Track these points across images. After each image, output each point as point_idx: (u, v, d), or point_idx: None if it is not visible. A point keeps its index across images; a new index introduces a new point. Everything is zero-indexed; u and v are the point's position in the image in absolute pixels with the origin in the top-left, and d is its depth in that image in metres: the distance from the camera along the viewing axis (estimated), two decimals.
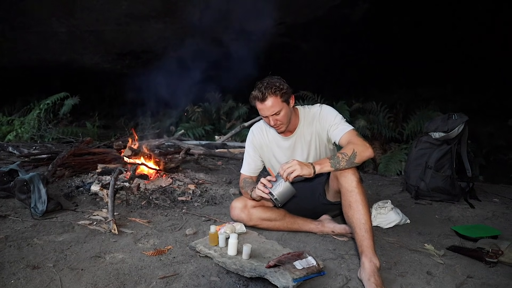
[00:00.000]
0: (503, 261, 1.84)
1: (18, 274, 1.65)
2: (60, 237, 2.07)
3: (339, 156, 1.82)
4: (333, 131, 2.06)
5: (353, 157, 1.83)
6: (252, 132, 2.30)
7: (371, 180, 3.62)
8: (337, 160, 1.82)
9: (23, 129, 5.74)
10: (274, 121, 2.02)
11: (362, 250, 1.70)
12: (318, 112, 2.14)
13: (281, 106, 1.98)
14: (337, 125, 2.05)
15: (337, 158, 1.82)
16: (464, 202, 2.86)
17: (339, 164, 1.82)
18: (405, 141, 5.10)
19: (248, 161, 2.29)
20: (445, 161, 2.87)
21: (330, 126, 2.08)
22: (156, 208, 2.62)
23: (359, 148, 1.85)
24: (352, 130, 2.00)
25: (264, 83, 1.98)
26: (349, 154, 1.83)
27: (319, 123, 2.12)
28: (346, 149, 1.86)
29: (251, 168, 2.28)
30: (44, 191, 2.39)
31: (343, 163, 1.82)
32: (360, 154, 1.84)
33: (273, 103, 1.97)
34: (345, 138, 1.98)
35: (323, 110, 2.14)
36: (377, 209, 2.37)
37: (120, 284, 1.60)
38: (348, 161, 1.82)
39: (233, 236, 1.79)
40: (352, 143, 1.89)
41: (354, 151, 1.84)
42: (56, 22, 6.09)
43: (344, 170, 1.84)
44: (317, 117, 2.13)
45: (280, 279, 1.54)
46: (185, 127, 6.00)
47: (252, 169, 2.28)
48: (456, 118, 2.85)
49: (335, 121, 2.07)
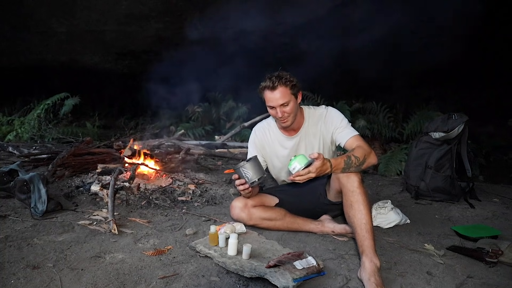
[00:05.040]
0: (503, 261, 1.84)
1: (18, 274, 1.65)
2: (60, 237, 2.07)
3: (352, 159, 1.84)
4: (339, 133, 2.07)
5: (362, 163, 1.87)
6: (254, 133, 2.30)
7: (371, 180, 3.62)
8: (350, 162, 1.84)
9: (23, 129, 5.73)
10: (281, 112, 2.03)
11: (363, 250, 1.70)
12: (324, 114, 2.15)
13: (289, 98, 2.01)
14: (343, 128, 2.07)
15: (351, 160, 1.84)
16: (464, 202, 2.86)
17: (350, 167, 1.84)
18: (405, 141, 5.10)
19: None
20: (445, 161, 2.87)
21: (335, 129, 2.09)
22: (156, 208, 2.62)
23: (369, 155, 1.90)
24: (358, 135, 2.04)
25: (275, 74, 2.01)
26: (360, 159, 1.86)
27: (324, 124, 2.13)
28: (358, 153, 1.88)
29: None
30: (44, 191, 2.39)
31: (353, 167, 1.85)
32: (368, 160, 1.89)
33: (282, 93, 1.99)
34: (351, 142, 2.01)
35: (329, 112, 2.15)
36: (377, 209, 2.37)
37: (120, 284, 1.60)
38: (358, 166, 1.85)
39: (233, 236, 1.79)
40: (363, 149, 1.91)
41: (365, 157, 1.88)
42: (56, 22, 6.08)
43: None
44: (323, 118, 2.14)
45: (280, 279, 1.54)
46: (185, 127, 6.00)
47: None
48: (456, 118, 2.85)
49: (341, 124, 2.09)
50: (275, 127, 2.24)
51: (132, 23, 6.18)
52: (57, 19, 6.05)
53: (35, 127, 5.73)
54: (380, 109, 5.54)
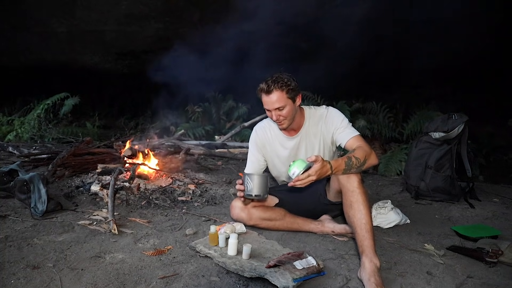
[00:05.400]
0: (503, 261, 1.84)
1: (18, 274, 1.65)
2: (60, 237, 2.07)
3: (353, 160, 1.83)
4: (339, 134, 2.07)
5: (363, 163, 1.85)
6: (255, 132, 2.30)
7: (371, 180, 3.62)
8: (351, 163, 1.82)
9: (23, 129, 5.73)
10: (276, 116, 2.03)
11: (363, 250, 1.70)
12: (325, 114, 2.14)
13: (285, 102, 1.99)
14: (344, 128, 2.07)
15: (351, 162, 1.82)
16: (464, 202, 2.86)
17: (351, 168, 1.83)
18: (405, 141, 5.10)
19: (252, 160, 2.29)
20: (445, 161, 2.87)
21: (336, 129, 2.09)
22: (156, 208, 2.62)
23: (370, 156, 1.88)
24: (359, 135, 2.03)
25: (273, 77, 1.99)
26: (361, 160, 1.85)
27: (325, 124, 2.13)
28: (359, 154, 1.86)
29: (255, 168, 2.28)
30: (44, 191, 2.39)
31: (354, 168, 1.84)
32: (369, 161, 1.88)
33: (278, 97, 1.97)
34: (352, 143, 2.00)
35: (329, 112, 2.14)
36: (377, 209, 2.37)
37: (120, 284, 1.60)
38: (358, 167, 1.84)
39: (233, 236, 1.79)
40: (363, 150, 1.90)
41: (365, 157, 1.86)
42: (56, 22, 6.09)
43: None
44: (323, 118, 2.14)
45: (280, 279, 1.54)
46: (185, 127, 6.00)
47: (256, 169, 2.28)
48: (456, 118, 2.85)
49: (342, 125, 2.08)
50: (275, 127, 2.24)
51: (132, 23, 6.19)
52: (57, 19, 6.05)
53: (35, 127, 5.73)
54: (380, 109, 5.54)
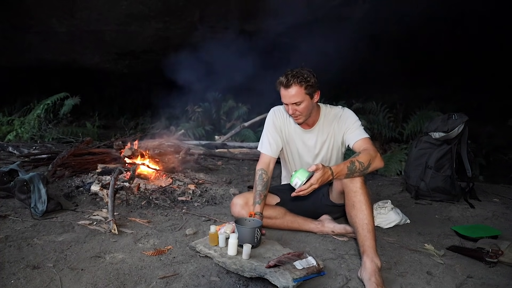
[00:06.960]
0: (503, 261, 1.84)
1: (18, 274, 1.65)
2: (60, 237, 2.07)
3: (356, 165, 1.82)
4: (349, 134, 2.07)
5: (367, 167, 1.85)
6: (273, 112, 2.26)
7: (371, 180, 3.62)
8: (353, 168, 1.82)
9: (23, 129, 5.73)
10: (293, 110, 2.02)
11: (364, 250, 1.70)
12: (340, 114, 2.15)
13: (303, 97, 1.99)
14: (354, 129, 2.07)
15: (354, 166, 1.82)
16: (464, 202, 2.86)
17: (354, 172, 1.83)
18: (405, 141, 5.10)
19: (269, 140, 2.21)
20: (445, 161, 2.87)
21: (347, 129, 2.09)
22: (156, 208, 2.62)
23: (374, 159, 1.87)
24: (368, 138, 2.02)
25: (293, 71, 1.99)
26: (365, 164, 1.84)
27: (338, 124, 2.14)
28: (363, 158, 1.86)
29: (273, 149, 2.20)
30: (44, 191, 2.39)
31: (357, 172, 1.83)
32: (373, 165, 1.87)
33: (296, 92, 1.97)
34: (360, 144, 2.00)
35: (344, 112, 2.15)
36: (377, 209, 2.37)
37: (120, 284, 1.60)
38: (362, 171, 1.84)
39: (233, 236, 1.79)
40: (368, 153, 1.89)
41: (369, 161, 1.86)
42: (56, 22, 6.09)
43: None
44: (338, 118, 2.14)
45: (280, 279, 1.54)
46: (185, 127, 6.00)
47: (274, 150, 2.21)
48: (456, 118, 2.85)
49: (354, 126, 2.08)
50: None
51: (132, 23, 6.19)
52: (57, 19, 6.05)
53: (35, 127, 5.73)
54: (380, 109, 5.54)
